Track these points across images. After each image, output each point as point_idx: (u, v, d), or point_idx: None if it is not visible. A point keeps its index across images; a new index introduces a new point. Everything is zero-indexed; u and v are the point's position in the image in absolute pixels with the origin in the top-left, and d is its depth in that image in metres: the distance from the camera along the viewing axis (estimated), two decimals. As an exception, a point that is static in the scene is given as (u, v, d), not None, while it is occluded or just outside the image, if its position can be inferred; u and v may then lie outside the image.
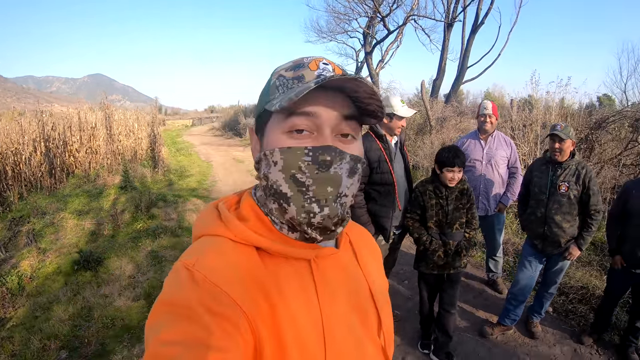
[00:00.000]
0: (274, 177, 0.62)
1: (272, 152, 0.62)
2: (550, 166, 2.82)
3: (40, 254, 4.83)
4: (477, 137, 3.59)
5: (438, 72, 14.77)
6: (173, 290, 0.56)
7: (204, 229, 0.67)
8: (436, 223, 2.68)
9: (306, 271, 0.65)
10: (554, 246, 2.83)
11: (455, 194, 2.64)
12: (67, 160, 8.03)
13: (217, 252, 0.61)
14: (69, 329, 3.37)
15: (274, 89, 0.64)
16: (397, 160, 2.84)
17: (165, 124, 32.83)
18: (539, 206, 2.86)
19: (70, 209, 6.46)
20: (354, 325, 0.68)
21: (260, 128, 0.67)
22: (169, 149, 14.55)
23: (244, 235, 0.63)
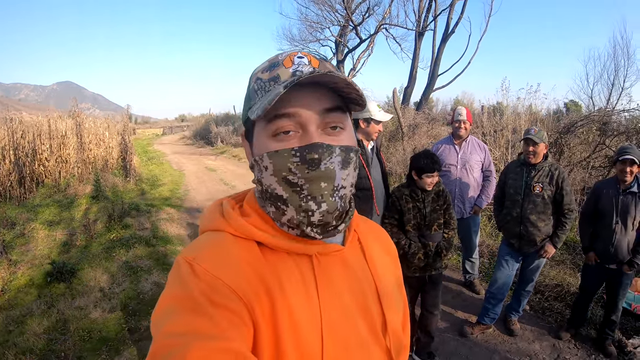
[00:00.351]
0: (267, 181, 0.63)
1: (262, 158, 0.62)
2: (524, 168, 2.94)
3: (12, 265, 4.64)
4: (451, 142, 3.69)
5: (409, 80, 15.06)
6: (176, 284, 0.57)
7: (208, 224, 0.69)
8: (414, 226, 2.72)
9: (307, 267, 0.65)
10: (530, 245, 2.93)
11: (432, 196, 2.70)
12: (36, 170, 7.75)
13: (217, 246, 0.62)
14: (45, 343, 3.25)
15: (253, 94, 0.64)
16: (373, 166, 2.86)
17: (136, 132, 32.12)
18: (515, 207, 2.97)
19: (40, 219, 6.24)
20: (357, 325, 0.67)
21: (249, 133, 0.68)
22: (140, 158, 14.26)
23: (244, 230, 0.64)
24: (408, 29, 15.32)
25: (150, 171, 12.10)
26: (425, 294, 2.86)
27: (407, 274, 2.85)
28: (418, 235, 2.73)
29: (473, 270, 3.97)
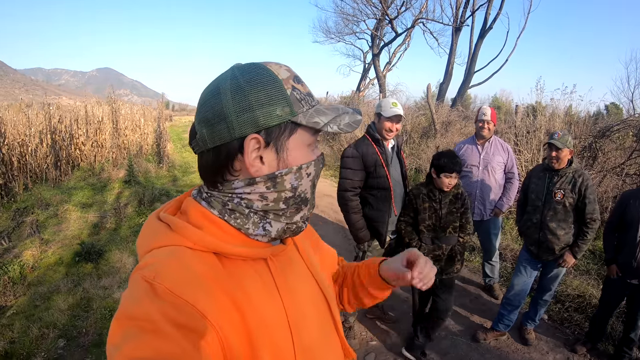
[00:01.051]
0: (304, 187, 0.69)
1: (309, 165, 0.69)
2: (547, 173, 2.83)
3: (43, 244, 4.89)
4: (474, 142, 3.61)
5: (445, 75, 14.77)
6: (134, 305, 0.54)
7: (154, 242, 0.64)
8: (428, 227, 2.68)
9: (264, 270, 0.69)
10: (548, 253, 2.84)
11: (450, 198, 2.65)
12: (72, 153, 8.10)
13: (177, 262, 0.59)
14: (68, 319, 3.42)
15: (296, 101, 0.65)
16: (393, 165, 2.83)
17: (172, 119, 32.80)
18: (535, 212, 2.88)
19: (74, 201, 6.53)
20: (312, 315, 0.75)
21: (277, 140, 0.65)
22: (174, 144, 14.57)
23: (204, 242, 0.63)
24: (444, 24, 15.01)
25: (183, 158, 12.27)
26: (437, 298, 2.81)
27: None
28: (432, 237, 2.70)
29: (493, 274, 3.88)
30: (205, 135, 0.65)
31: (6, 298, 3.71)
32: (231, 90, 0.63)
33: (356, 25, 17.47)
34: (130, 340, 0.50)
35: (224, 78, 0.65)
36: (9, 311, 3.49)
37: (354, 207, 2.76)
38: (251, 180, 0.65)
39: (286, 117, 0.64)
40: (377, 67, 16.69)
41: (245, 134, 0.63)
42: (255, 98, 0.62)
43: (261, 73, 0.64)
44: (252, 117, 0.62)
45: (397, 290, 3.95)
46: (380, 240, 2.82)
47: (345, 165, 2.76)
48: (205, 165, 0.68)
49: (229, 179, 0.67)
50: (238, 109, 0.62)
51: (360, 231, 2.78)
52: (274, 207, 0.67)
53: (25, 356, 2.95)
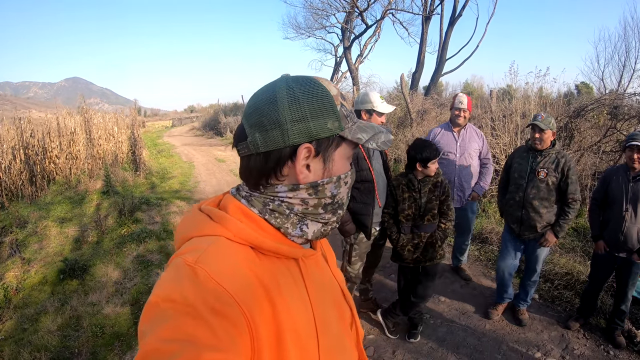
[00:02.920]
0: (342, 194, 0.74)
1: (347, 175, 0.74)
2: (530, 153, 2.91)
3: (25, 264, 4.73)
4: (450, 129, 3.67)
5: (417, 65, 14.88)
6: (174, 287, 0.55)
7: (195, 230, 0.67)
8: (408, 217, 2.74)
9: (296, 269, 0.71)
10: (530, 231, 2.92)
11: (429, 187, 2.70)
12: (47, 167, 7.85)
13: (218, 250, 0.61)
14: (59, 340, 3.32)
15: (344, 117, 0.70)
16: (375, 158, 2.84)
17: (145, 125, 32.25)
18: (518, 191, 2.96)
19: (52, 216, 6.34)
20: (334, 320, 0.76)
21: (325, 151, 0.70)
22: (149, 151, 14.32)
23: (244, 234, 0.65)
24: (414, 14, 15.10)
25: (160, 164, 12.09)
26: (418, 284, 2.90)
27: (401, 264, 2.91)
28: (411, 226, 2.76)
29: (462, 257, 4.02)
30: (258, 140, 0.67)
31: (-9, 324, 3.58)
32: (288, 100, 0.65)
33: (326, 19, 17.44)
34: (165, 321, 0.52)
35: (279, 87, 0.67)
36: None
37: None
38: (295, 186, 0.69)
39: (336, 131, 0.69)
40: (349, 60, 16.70)
41: (299, 142, 0.66)
42: (310, 109, 0.66)
43: (316, 87, 0.68)
44: (307, 127, 0.66)
45: (388, 282, 3.98)
46: (366, 233, 2.83)
47: None
48: (251, 167, 0.70)
49: (273, 183, 0.69)
50: (294, 117, 0.65)
51: (346, 224, 2.79)
52: (313, 211, 0.71)
53: (17, 383, 2.85)
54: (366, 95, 2.75)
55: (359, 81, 16.13)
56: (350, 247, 2.92)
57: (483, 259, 4.43)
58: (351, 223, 2.80)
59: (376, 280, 3.98)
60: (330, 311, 0.75)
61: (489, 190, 5.53)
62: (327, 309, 0.74)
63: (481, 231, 4.90)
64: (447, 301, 3.60)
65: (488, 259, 4.42)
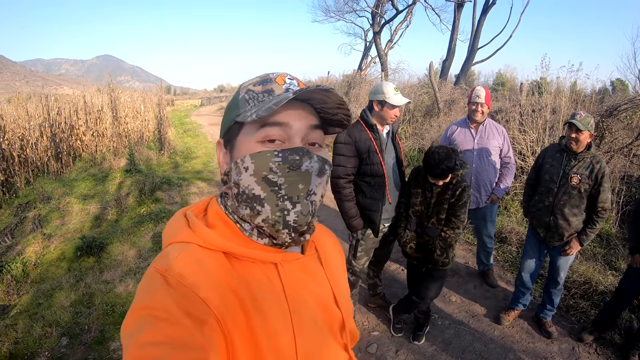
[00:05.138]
0: (245, 182, 0.66)
1: (243, 159, 0.66)
2: (564, 155, 2.73)
3: (45, 239, 4.90)
4: (467, 125, 3.45)
5: (448, 52, 14.49)
6: (149, 295, 0.57)
7: (173, 236, 0.68)
8: (416, 213, 2.63)
9: (274, 275, 0.69)
10: (556, 238, 2.78)
11: (441, 187, 2.54)
12: (73, 144, 8.07)
13: (188, 258, 0.62)
14: (71, 316, 3.43)
15: (243, 103, 0.68)
16: (388, 151, 2.73)
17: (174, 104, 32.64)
18: (548, 195, 2.80)
19: (76, 193, 6.52)
20: (319, 326, 0.73)
21: (229, 141, 0.71)
22: (176, 130, 14.52)
23: (212, 241, 0.65)
24: (446, 0, 14.62)
25: (185, 143, 12.20)
26: (422, 281, 2.79)
27: (408, 259, 2.84)
28: (417, 223, 2.66)
29: (488, 261, 3.82)
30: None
31: (10, 297, 3.72)
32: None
33: (356, 2, 17.07)
34: (143, 327, 0.53)
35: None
36: (13, 310, 3.50)
37: (346, 194, 2.69)
38: (222, 178, 0.72)
39: (232, 120, 0.69)
40: (379, 46, 16.36)
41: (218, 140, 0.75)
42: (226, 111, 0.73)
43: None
44: (221, 127, 0.74)
45: (400, 277, 3.92)
46: (374, 230, 2.75)
47: (338, 151, 2.66)
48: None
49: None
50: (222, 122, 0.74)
51: (353, 219, 2.73)
52: (232, 205, 0.71)
53: (29, 356, 2.96)
54: (380, 85, 2.62)
55: (388, 67, 15.82)
56: (356, 243, 2.86)
57: (500, 260, 4.30)
58: (359, 218, 2.74)
59: (387, 275, 3.93)
60: (313, 316, 0.73)
61: (512, 187, 5.33)
62: (310, 314, 0.72)
63: (501, 230, 4.74)
64: (457, 301, 3.52)
65: (505, 260, 4.29)
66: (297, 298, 0.70)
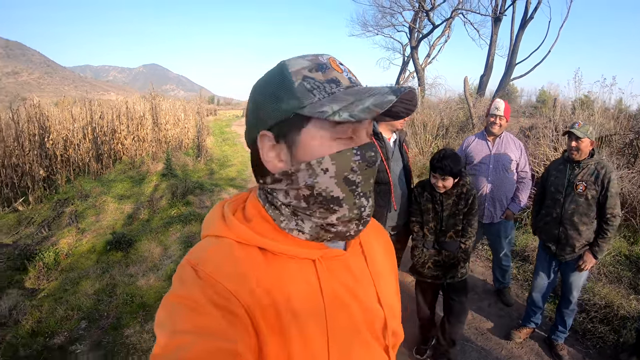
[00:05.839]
0: (323, 184, 0.63)
1: (321, 161, 0.62)
2: (568, 165, 2.69)
3: (79, 233, 5.21)
4: (484, 137, 3.40)
5: (485, 68, 14.24)
6: (180, 285, 0.60)
7: (209, 229, 0.69)
8: (431, 230, 2.59)
9: (311, 271, 0.67)
10: (568, 250, 2.70)
11: (452, 199, 2.52)
12: (115, 147, 8.54)
13: (219, 253, 0.63)
14: (92, 303, 3.64)
15: (304, 92, 0.61)
16: (394, 159, 2.77)
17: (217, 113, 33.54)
18: (555, 206, 2.74)
19: (112, 193, 6.89)
20: (358, 327, 0.70)
21: (286, 135, 0.64)
22: (215, 138, 14.96)
23: (246, 236, 0.65)
24: (482, 14, 14.45)
25: (222, 152, 12.51)
26: (451, 300, 2.71)
27: (418, 278, 2.76)
28: (433, 241, 2.60)
29: (504, 279, 3.69)
30: (245, 135, 0.71)
31: (39, 282, 4.00)
32: (253, 92, 0.67)
33: (393, 17, 17.16)
34: (173, 315, 0.56)
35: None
36: (40, 294, 3.76)
37: None
38: (274, 177, 0.66)
39: (291, 111, 0.61)
40: (416, 60, 16.32)
41: (258, 131, 0.65)
42: (263, 96, 0.64)
43: (273, 70, 0.66)
44: (262, 115, 0.64)
45: (409, 287, 3.86)
46: None
47: None
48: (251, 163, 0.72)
49: (265, 175, 0.68)
50: (254, 108, 0.66)
51: None
52: (297, 204, 0.66)
53: (49, 334, 3.17)
54: None
55: (424, 82, 15.74)
56: None
57: (520, 279, 4.16)
58: None
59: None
60: (351, 317, 0.69)
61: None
62: (347, 314, 0.69)
63: (524, 249, 4.59)
64: (468, 318, 3.39)
65: (525, 279, 4.14)
66: (334, 297, 0.67)
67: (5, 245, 4.76)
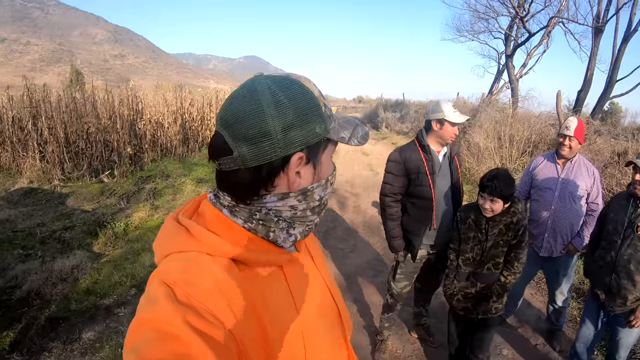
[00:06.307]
0: (326, 195, 0.74)
1: (333, 176, 0.75)
2: (631, 202, 2.25)
3: (153, 209, 5.70)
4: (553, 160, 2.98)
5: (584, 82, 12.62)
6: (154, 308, 0.54)
7: (173, 246, 0.64)
8: (467, 261, 2.32)
9: (281, 277, 0.69)
10: (617, 302, 2.27)
11: (499, 228, 2.20)
12: (202, 133, 9.17)
13: (198, 269, 0.59)
14: (146, 273, 3.94)
15: (327, 118, 0.69)
16: (442, 174, 2.57)
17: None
18: (610, 249, 2.29)
19: (192, 176, 7.41)
20: (324, 325, 0.76)
21: (315, 156, 0.68)
22: (304, 133, 15.27)
23: (221, 248, 0.62)
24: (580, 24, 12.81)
25: None
26: (473, 335, 2.48)
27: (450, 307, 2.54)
28: (469, 272, 2.35)
29: (558, 321, 3.21)
30: (246, 154, 0.62)
31: (106, 248, 4.46)
32: (274, 107, 0.61)
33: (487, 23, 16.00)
34: (149, 342, 0.50)
35: (262, 93, 0.62)
36: (104, 258, 4.19)
37: (391, 213, 2.62)
38: (285, 195, 0.66)
39: (324, 135, 0.67)
40: (510, 70, 14.98)
41: (291, 152, 0.63)
42: (297, 116, 0.63)
43: (300, 90, 0.65)
44: (296, 136, 0.63)
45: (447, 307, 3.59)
46: (412, 254, 2.62)
47: (388, 169, 2.64)
48: (238, 182, 0.65)
49: (262, 194, 0.66)
50: (284, 126, 0.61)
51: (395, 239, 2.63)
52: (301, 215, 0.70)
53: (101, 295, 3.53)
54: (438, 104, 2.51)
55: (518, 94, 14.53)
56: (396, 264, 2.76)
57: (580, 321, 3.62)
58: (400, 239, 2.63)
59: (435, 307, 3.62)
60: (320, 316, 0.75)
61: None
62: (316, 313, 0.73)
63: (589, 284, 4.00)
64: (508, 356, 3.05)
65: (580, 322, 3.61)
66: (302, 299, 0.70)
67: (85, 212, 5.38)
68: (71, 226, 4.91)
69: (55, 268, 3.68)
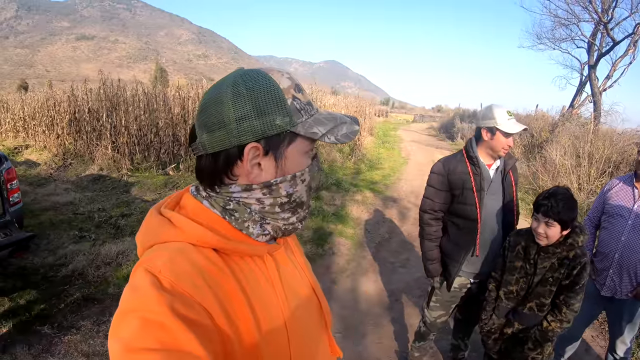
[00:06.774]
0: (300, 192, 0.71)
1: (303, 173, 0.71)
2: None
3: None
4: (631, 182, 2.46)
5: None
6: (138, 296, 0.54)
7: (156, 237, 0.65)
8: (509, 295, 1.97)
9: (263, 267, 0.70)
10: None
11: (551, 262, 1.83)
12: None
13: (182, 257, 0.60)
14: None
15: (295, 111, 0.66)
16: (492, 192, 2.20)
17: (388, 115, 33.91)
18: None
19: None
20: (305, 315, 0.77)
21: (276, 149, 0.67)
22: (376, 139, 14.81)
23: (204, 238, 0.63)
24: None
25: (378, 154, 12.21)
26: None
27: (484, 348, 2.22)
28: (510, 308, 2.01)
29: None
30: (205, 141, 0.66)
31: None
32: (232, 98, 0.63)
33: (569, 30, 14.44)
34: (133, 331, 0.50)
35: (225, 84, 0.65)
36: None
37: (430, 232, 2.31)
38: (248, 186, 0.67)
39: (285, 127, 0.65)
40: (593, 82, 13.42)
41: (244, 142, 0.64)
42: (255, 106, 0.63)
43: (263, 81, 0.65)
44: (252, 126, 0.63)
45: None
46: (447, 282, 2.31)
47: (429, 182, 2.30)
48: (203, 168, 0.68)
49: (227, 183, 0.68)
50: (238, 116, 0.63)
51: (430, 262, 2.33)
52: (270, 210, 0.69)
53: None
54: (490, 109, 2.14)
55: (601, 108, 13.09)
56: (431, 290, 2.47)
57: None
58: (437, 263, 2.34)
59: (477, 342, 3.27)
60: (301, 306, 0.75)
61: None
62: (296, 301, 0.74)
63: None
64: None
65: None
66: (284, 289, 0.71)
67: (145, 201, 5.62)
68: (129, 214, 5.18)
69: (102, 252, 3.89)
